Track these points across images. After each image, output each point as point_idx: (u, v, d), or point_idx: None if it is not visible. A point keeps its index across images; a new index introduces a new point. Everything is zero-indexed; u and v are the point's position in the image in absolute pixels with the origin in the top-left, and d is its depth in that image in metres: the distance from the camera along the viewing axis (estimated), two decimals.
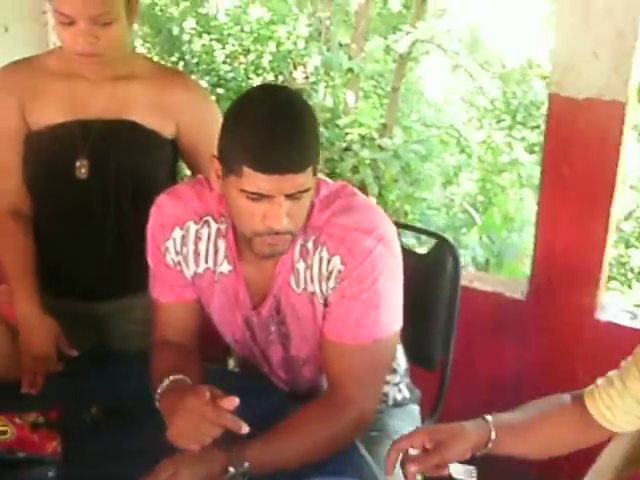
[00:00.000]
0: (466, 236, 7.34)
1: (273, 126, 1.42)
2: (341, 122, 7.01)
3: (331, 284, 1.56)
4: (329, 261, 1.54)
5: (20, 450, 1.51)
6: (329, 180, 1.64)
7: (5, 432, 1.51)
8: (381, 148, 6.37)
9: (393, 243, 1.57)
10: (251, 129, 1.43)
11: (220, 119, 1.53)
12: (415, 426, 1.90)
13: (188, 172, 2.16)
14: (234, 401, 1.40)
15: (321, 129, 7.00)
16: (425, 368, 2.09)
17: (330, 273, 1.55)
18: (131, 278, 1.94)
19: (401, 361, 1.90)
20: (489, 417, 1.48)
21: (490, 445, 1.46)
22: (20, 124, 1.94)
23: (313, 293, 1.59)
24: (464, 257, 6.22)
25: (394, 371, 1.86)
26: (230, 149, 1.46)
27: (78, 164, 1.92)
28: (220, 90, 8.96)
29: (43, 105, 1.93)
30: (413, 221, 6.26)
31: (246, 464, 1.42)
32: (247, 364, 1.86)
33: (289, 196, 1.44)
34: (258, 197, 1.43)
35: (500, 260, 5.79)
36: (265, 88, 1.69)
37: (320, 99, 8.44)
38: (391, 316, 1.58)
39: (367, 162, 6.18)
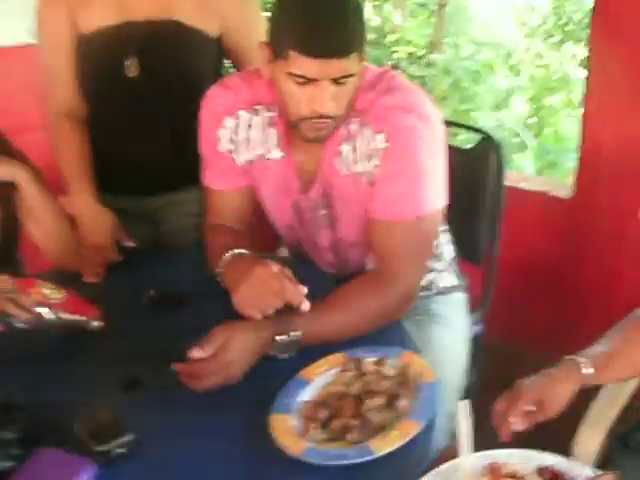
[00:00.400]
0: (519, 159, 7.21)
1: (319, 11, 1.46)
2: (387, 40, 6.92)
3: (375, 163, 1.60)
4: (373, 140, 1.58)
5: (69, 311, 1.57)
6: (373, 66, 1.67)
7: (61, 291, 1.59)
8: (429, 66, 6.28)
9: (436, 122, 1.60)
10: (298, 13, 1.47)
11: (262, 17, 1.56)
12: (460, 313, 1.95)
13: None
14: (302, 290, 1.49)
15: (367, 48, 6.89)
16: (471, 262, 2.12)
17: (374, 152, 1.59)
18: (183, 172, 2.01)
19: (446, 248, 1.93)
20: (577, 358, 1.42)
21: (585, 382, 1.42)
22: (72, 32, 2.00)
23: (358, 174, 1.63)
24: None
25: (438, 258, 1.89)
26: (277, 34, 1.50)
27: (128, 63, 1.97)
28: None
29: (92, 9, 1.98)
30: (465, 141, 6.19)
31: (297, 332, 1.48)
32: (297, 251, 1.91)
33: (334, 80, 1.48)
34: (304, 81, 1.48)
35: (554, 170, 5.69)
36: None
37: (367, 18, 8.30)
38: (434, 193, 1.61)
39: (416, 79, 6.11)
